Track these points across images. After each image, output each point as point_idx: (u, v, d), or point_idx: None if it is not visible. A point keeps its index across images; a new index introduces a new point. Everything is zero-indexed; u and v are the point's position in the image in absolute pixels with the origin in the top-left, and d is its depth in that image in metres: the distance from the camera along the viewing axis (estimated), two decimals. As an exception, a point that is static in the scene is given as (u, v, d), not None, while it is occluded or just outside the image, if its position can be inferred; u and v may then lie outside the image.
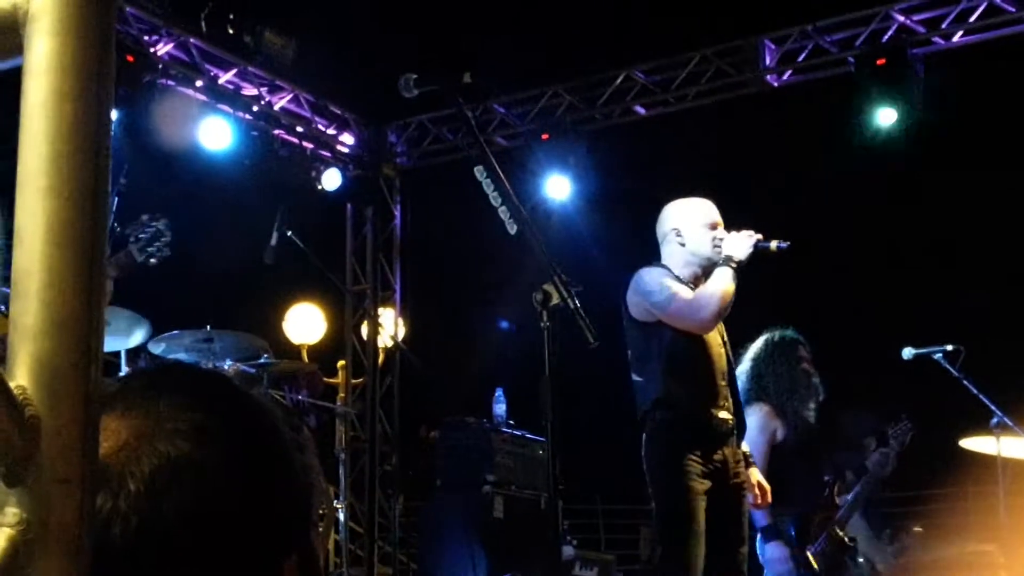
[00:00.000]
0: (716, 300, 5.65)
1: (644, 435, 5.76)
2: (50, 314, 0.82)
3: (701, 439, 5.69)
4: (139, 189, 6.70)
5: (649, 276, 5.86)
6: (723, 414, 5.77)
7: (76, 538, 0.82)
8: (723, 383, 5.83)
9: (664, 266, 5.94)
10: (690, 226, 5.91)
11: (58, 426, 0.81)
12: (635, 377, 5.86)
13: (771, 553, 6.78)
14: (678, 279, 5.83)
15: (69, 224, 0.82)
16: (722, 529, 5.68)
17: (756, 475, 6.12)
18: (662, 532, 5.76)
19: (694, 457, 5.63)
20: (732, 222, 5.94)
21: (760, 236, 5.78)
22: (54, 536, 0.81)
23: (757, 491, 6.06)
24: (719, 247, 5.82)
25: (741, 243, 5.73)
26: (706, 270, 5.86)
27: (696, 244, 5.88)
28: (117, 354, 7.21)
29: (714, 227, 5.90)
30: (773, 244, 5.75)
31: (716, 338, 5.88)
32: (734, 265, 5.71)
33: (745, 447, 6.04)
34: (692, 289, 5.79)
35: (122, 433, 1.07)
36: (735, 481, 5.78)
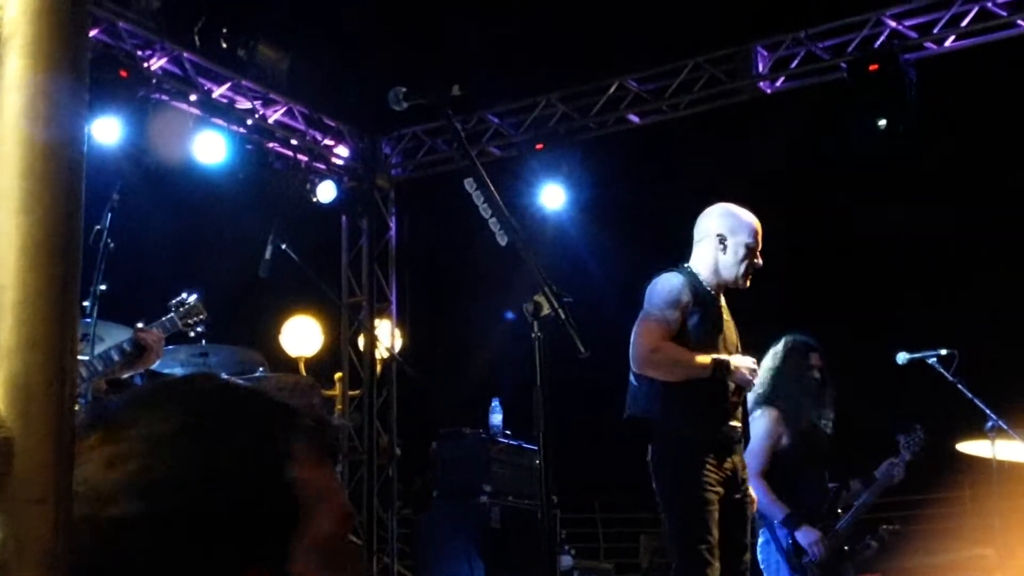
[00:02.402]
0: (665, 369, 5.69)
1: (654, 444, 5.77)
2: (24, 333, 0.82)
3: (715, 448, 5.70)
4: (134, 204, 6.70)
5: (661, 287, 5.85)
6: (733, 422, 5.80)
7: (52, 556, 0.82)
8: (736, 399, 5.84)
9: (688, 270, 5.93)
10: (736, 240, 5.91)
11: (32, 445, 0.81)
12: (636, 382, 5.83)
13: (805, 538, 6.79)
14: (697, 286, 5.82)
15: (43, 243, 0.83)
16: (730, 537, 5.70)
17: None
18: (679, 543, 5.73)
19: (709, 467, 5.65)
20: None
21: (753, 380, 5.87)
22: (30, 555, 0.81)
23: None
24: (748, 275, 5.90)
25: (742, 372, 5.74)
26: (725, 287, 5.91)
27: (733, 260, 5.89)
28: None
29: (754, 253, 5.91)
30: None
31: (732, 348, 5.90)
32: (714, 374, 5.68)
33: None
34: (712, 294, 5.83)
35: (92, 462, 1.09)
36: (742, 489, 5.81)
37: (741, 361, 5.76)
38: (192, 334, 6.04)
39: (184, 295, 5.90)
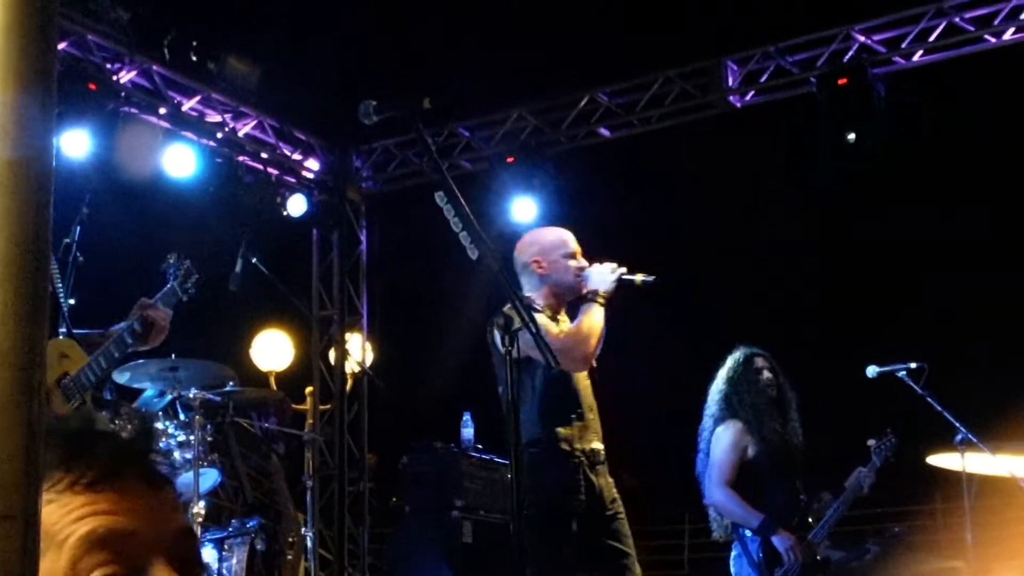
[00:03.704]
0: (590, 339, 5.62)
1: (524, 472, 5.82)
2: (-8, 350, 0.81)
3: (577, 472, 5.69)
4: (103, 218, 6.67)
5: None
6: (595, 445, 5.78)
7: (20, 571, 0.81)
8: (591, 415, 5.82)
9: (527, 300, 5.87)
10: (550, 256, 5.85)
11: (0, 462, 0.81)
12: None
13: (781, 543, 6.80)
14: (541, 312, 5.73)
15: (11, 261, 0.82)
16: (603, 554, 5.73)
17: None
18: (536, 558, 5.80)
19: (572, 492, 5.66)
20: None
21: (624, 269, 5.72)
22: (-2, 573, 0.80)
23: None
24: (580, 277, 5.79)
25: (605, 276, 5.67)
26: (568, 300, 5.86)
27: (558, 274, 5.82)
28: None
29: (573, 256, 5.85)
30: (638, 278, 5.68)
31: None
32: (601, 301, 5.66)
33: None
34: (555, 321, 5.75)
35: None
36: (611, 507, 5.80)
37: (600, 272, 5.70)
38: (186, 298, 5.85)
39: (171, 259, 5.79)
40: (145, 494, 1.23)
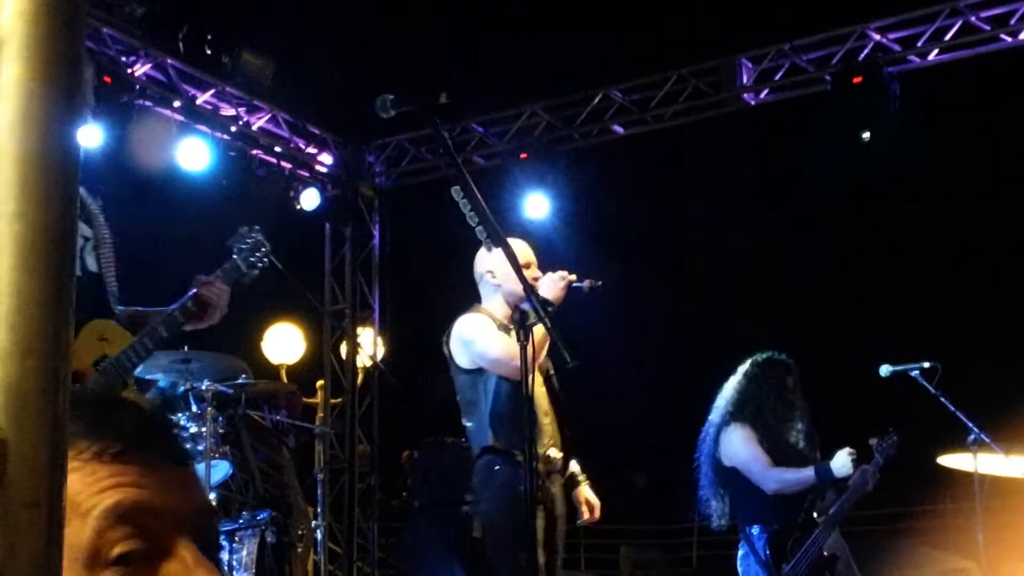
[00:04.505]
0: (539, 346, 5.56)
1: (477, 480, 5.95)
2: (19, 339, 0.81)
3: (530, 480, 5.73)
4: (116, 211, 6.67)
5: (470, 324, 5.97)
6: (551, 452, 5.87)
7: (45, 562, 0.81)
8: (547, 421, 5.90)
9: (483, 310, 6.05)
10: (503, 268, 5.80)
11: (25, 451, 0.81)
12: (466, 423, 6.01)
13: (843, 468, 6.83)
14: (497, 322, 5.94)
15: (37, 249, 0.82)
16: (553, 563, 5.84)
17: (585, 492, 6.20)
18: (496, 568, 5.86)
19: (523, 498, 5.71)
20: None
21: (573, 277, 5.75)
22: (23, 561, 0.80)
23: (585, 507, 6.17)
24: (532, 287, 5.79)
25: (554, 285, 5.70)
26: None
27: (511, 285, 5.84)
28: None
29: (527, 267, 5.89)
30: (586, 284, 5.70)
31: (538, 377, 5.85)
32: (550, 309, 5.60)
33: (575, 467, 6.15)
34: (507, 331, 5.84)
35: None
36: (557, 518, 5.90)
37: (550, 281, 5.73)
38: (255, 271, 5.42)
39: (243, 230, 5.39)
40: (170, 469, 1.22)
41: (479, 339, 5.88)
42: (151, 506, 1.17)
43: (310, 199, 11.01)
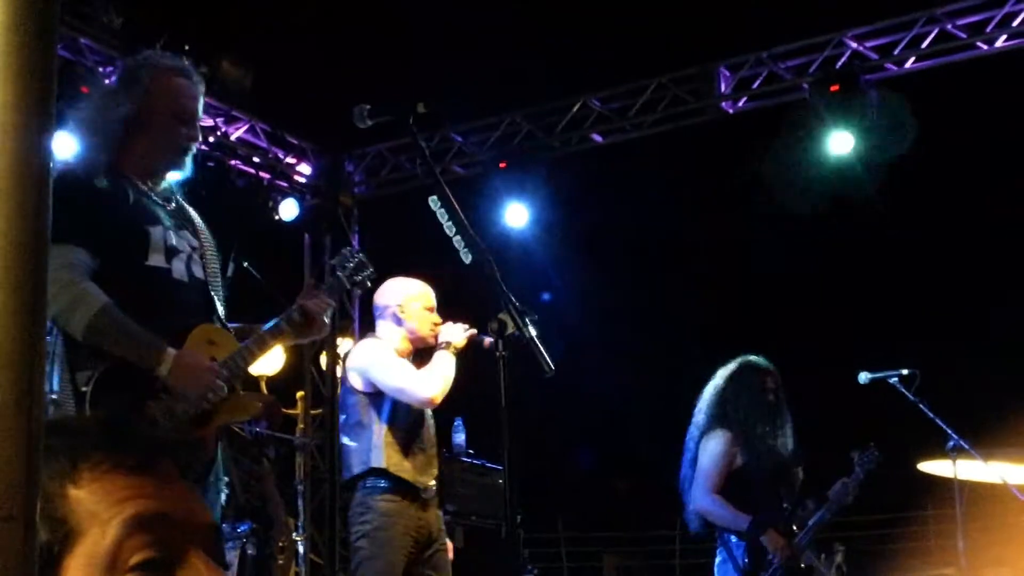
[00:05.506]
0: (443, 381, 6.19)
1: (354, 498, 6.29)
2: (-8, 352, 0.81)
3: (411, 506, 6.21)
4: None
5: (373, 349, 6.38)
6: (432, 482, 6.34)
7: (21, 572, 0.81)
8: (432, 451, 6.40)
9: (381, 340, 6.44)
10: (411, 306, 6.45)
11: (0, 464, 0.80)
12: (346, 441, 6.35)
13: (772, 543, 6.83)
14: (396, 352, 6.34)
15: (10, 263, 0.82)
16: None
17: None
18: None
19: (402, 524, 6.16)
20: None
21: (474, 331, 6.26)
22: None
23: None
24: (434, 330, 6.38)
25: (457, 332, 6.27)
26: (418, 348, 6.41)
27: (416, 324, 6.40)
28: None
29: (431, 311, 6.44)
30: (486, 341, 5.95)
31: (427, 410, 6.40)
32: (454, 351, 6.25)
33: None
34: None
35: None
36: (437, 544, 6.36)
37: (453, 329, 6.35)
38: (358, 289, 6.06)
39: (346, 251, 5.68)
40: (183, 484, 1.26)
41: (383, 365, 6.26)
42: (168, 517, 1.21)
43: (289, 209, 10.98)
